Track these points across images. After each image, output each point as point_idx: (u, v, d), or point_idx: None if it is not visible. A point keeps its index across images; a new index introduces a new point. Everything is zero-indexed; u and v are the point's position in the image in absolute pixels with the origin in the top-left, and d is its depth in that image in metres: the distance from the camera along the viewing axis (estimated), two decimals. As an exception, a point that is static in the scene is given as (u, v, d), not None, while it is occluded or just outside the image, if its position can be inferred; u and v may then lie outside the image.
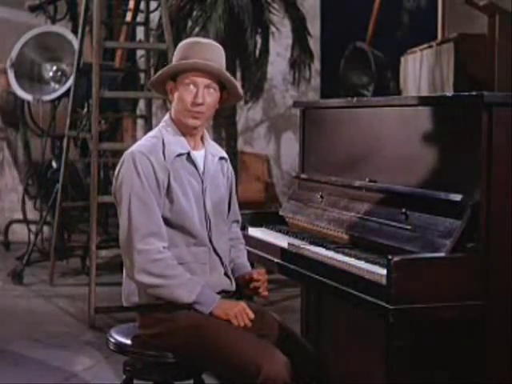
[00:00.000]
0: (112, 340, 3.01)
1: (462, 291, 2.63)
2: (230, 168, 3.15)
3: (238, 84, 3.03)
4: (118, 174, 2.92)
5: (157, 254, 2.82)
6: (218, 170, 3.06)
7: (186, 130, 2.96)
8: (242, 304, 2.86)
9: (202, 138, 3.03)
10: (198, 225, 2.92)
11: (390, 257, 2.57)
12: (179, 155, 2.92)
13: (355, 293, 2.74)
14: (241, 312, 2.83)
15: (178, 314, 2.85)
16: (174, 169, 2.90)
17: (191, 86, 2.90)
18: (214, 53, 2.96)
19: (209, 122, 3.09)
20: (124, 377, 3.01)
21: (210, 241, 2.95)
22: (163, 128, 2.98)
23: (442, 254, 2.64)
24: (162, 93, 3.06)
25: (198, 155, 2.98)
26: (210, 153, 3.03)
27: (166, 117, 3.03)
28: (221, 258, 2.98)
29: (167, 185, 2.88)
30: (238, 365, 2.71)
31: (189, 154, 2.95)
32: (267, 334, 2.90)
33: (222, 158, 3.09)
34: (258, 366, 2.67)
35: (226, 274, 3.00)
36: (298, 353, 2.84)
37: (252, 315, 2.84)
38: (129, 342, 2.97)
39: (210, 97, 2.92)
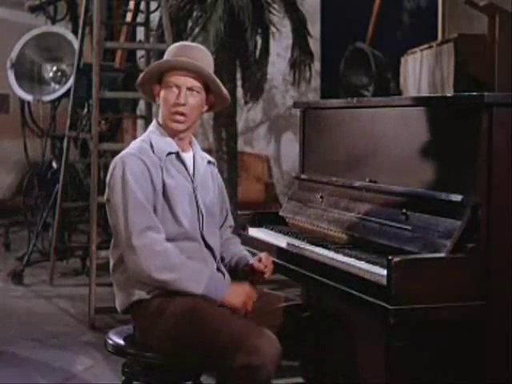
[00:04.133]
0: (110, 342, 3.00)
1: (463, 291, 2.63)
2: (218, 174, 3.19)
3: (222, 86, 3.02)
4: (110, 180, 2.90)
5: (157, 246, 2.80)
6: (208, 172, 3.10)
7: (173, 134, 2.98)
8: (247, 288, 2.89)
9: (189, 142, 3.07)
10: (190, 220, 2.93)
11: (390, 257, 2.57)
12: (169, 154, 2.95)
13: (355, 293, 2.74)
14: (249, 298, 2.87)
15: (169, 302, 2.82)
16: (166, 167, 2.93)
17: (174, 88, 2.92)
18: (200, 53, 2.98)
19: (196, 126, 3.09)
20: (123, 378, 3.01)
21: (202, 236, 2.97)
22: (151, 133, 3.01)
23: (442, 255, 2.64)
24: (150, 97, 3.07)
25: (187, 156, 3.02)
26: (198, 155, 3.07)
27: (153, 122, 3.05)
28: (213, 253, 2.99)
29: (162, 182, 2.89)
30: (232, 344, 2.66)
31: (178, 153, 2.97)
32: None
33: (209, 162, 3.13)
34: (255, 343, 2.65)
35: (218, 268, 3.01)
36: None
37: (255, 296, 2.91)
38: (127, 343, 2.96)
39: (193, 98, 2.93)
